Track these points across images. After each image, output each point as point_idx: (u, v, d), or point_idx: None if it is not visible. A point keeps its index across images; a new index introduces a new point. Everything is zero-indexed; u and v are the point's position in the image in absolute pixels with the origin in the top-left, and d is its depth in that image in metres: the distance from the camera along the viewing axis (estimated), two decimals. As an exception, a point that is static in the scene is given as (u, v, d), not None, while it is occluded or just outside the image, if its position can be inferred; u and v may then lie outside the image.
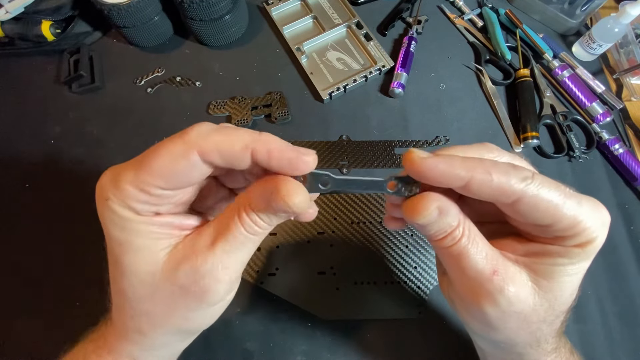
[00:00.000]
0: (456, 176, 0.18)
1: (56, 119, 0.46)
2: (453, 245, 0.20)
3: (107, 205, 0.19)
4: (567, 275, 0.20)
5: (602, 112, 0.45)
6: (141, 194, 0.18)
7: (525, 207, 0.19)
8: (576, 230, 0.19)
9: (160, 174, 0.18)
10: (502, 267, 0.20)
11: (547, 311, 0.21)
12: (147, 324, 0.22)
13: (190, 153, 0.18)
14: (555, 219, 0.19)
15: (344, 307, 0.37)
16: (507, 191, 0.18)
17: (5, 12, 0.45)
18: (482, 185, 0.18)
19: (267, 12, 0.52)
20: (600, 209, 0.20)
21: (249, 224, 0.20)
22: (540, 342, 0.23)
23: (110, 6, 0.43)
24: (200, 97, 0.47)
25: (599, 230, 0.20)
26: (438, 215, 0.19)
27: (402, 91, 0.47)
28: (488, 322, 0.21)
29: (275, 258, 0.39)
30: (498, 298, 0.20)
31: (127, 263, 0.20)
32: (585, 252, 0.20)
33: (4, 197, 0.42)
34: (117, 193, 0.19)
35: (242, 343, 0.36)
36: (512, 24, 0.51)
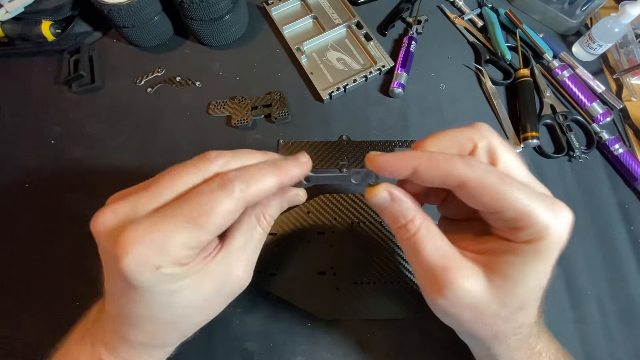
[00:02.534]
0: (402, 164, 0.21)
1: (56, 119, 0.46)
2: (409, 238, 0.22)
3: (158, 272, 0.19)
4: (519, 272, 0.21)
5: (602, 112, 0.45)
6: (191, 250, 0.20)
7: (472, 190, 0.20)
8: (525, 222, 0.20)
9: (215, 232, 0.20)
10: (455, 263, 0.21)
11: (499, 307, 0.22)
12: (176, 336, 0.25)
13: (241, 207, 0.21)
14: (501, 206, 0.20)
15: (344, 307, 0.37)
16: (450, 175, 0.20)
17: (5, 12, 0.45)
18: (428, 172, 0.21)
19: (267, 12, 0.52)
20: (559, 208, 0.20)
21: (265, 226, 0.25)
22: (499, 337, 0.23)
23: (110, 6, 0.43)
24: (200, 97, 0.47)
25: (551, 228, 0.20)
26: (391, 201, 0.22)
27: (402, 91, 0.47)
28: (442, 311, 0.23)
29: (275, 258, 0.39)
30: (446, 292, 0.21)
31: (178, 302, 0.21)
32: (536, 249, 0.20)
33: (4, 197, 0.42)
34: (168, 259, 0.19)
35: (242, 343, 0.36)
36: (512, 24, 0.51)
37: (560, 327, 0.37)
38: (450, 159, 0.20)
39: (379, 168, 0.22)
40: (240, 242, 0.24)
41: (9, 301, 0.38)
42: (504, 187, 0.19)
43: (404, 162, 0.21)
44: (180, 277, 0.20)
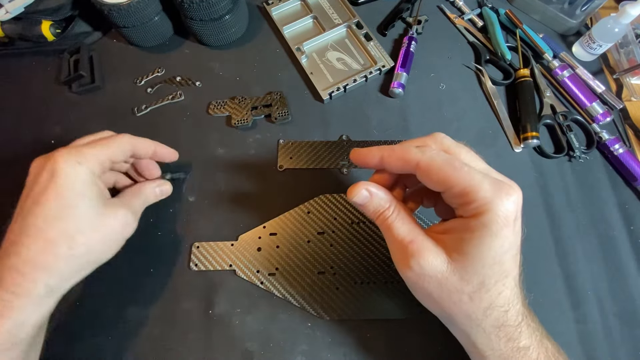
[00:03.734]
0: (372, 155, 0.28)
1: (56, 119, 0.46)
2: (385, 221, 0.27)
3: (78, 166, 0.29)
4: (472, 247, 0.24)
5: (602, 112, 0.45)
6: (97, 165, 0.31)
7: (424, 171, 0.25)
8: (469, 197, 0.23)
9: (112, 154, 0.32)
10: (419, 238, 0.26)
11: (460, 281, 0.24)
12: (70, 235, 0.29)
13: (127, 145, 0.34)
14: (449, 183, 0.24)
15: (344, 307, 0.37)
16: (408, 159, 0.25)
17: (5, 12, 0.45)
18: (390, 157, 0.27)
19: (267, 12, 0.52)
20: (503, 186, 0.24)
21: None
22: (472, 318, 0.25)
23: (110, 6, 0.43)
24: (200, 97, 0.47)
25: (494, 201, 0.23)
26: (370, 197, 0.27)
27: (402, 91, 0.47)
28: (412, 283, 0.27)
29: (275, 258, 0.39)
30: (412, 262, 0.25)
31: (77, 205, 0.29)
32: (482, 223, 0.23)
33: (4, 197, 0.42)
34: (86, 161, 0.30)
35: (242, 343, 0.36)
36: (512, 24, 0.51)
37: (560, 327, 0.37)
38: (406, 147, 0.26)
39: (355, 159, 0.29)
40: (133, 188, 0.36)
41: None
42: (450, 167, 0.24)
43: (371, 153, 0.27)
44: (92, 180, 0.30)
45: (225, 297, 0.38)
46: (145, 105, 0.46)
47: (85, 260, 0.30)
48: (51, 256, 0.27)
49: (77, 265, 0.29)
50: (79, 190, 0.29)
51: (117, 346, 0.36)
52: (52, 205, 0.28)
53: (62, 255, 0.28)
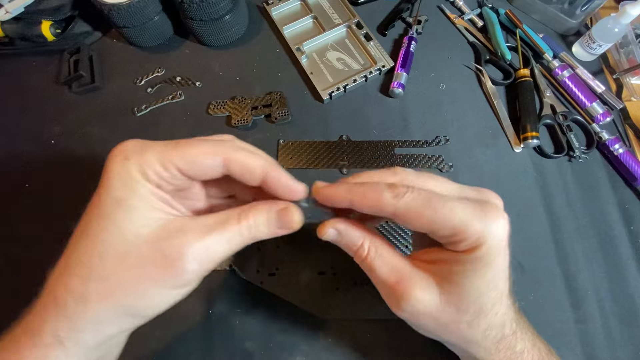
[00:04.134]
0: (340, 198, 0.23)
1: (56, 119, 0.46)
2: (362, 261, 0.25)
3: (124, 163, 0.21)
4: (466, 278, 0.22)
5: (602, 112, 0.45)
6: (160, 167, 0.21)
7: (402, 218, 0.22)
8: (459, 237, 0.21)
9: (187, 159, 0.21)
10: (407, 275, 0.23)
11: (456, 313, 0.23)
12: (99, 289, 0.21)
13: (218, 155, 0.22)
14: (433, 228, 0.22)
15: (344, 307, 0.37)
16: (381, 206, 0.22)
17: (5, 12, 0.45)
18: (361, 203, 0.23)
19: (267, 12, 0.52)
20: (491, 214, 0.22)
21: (245, 226, 0.23)
22: (472, 341, 0.24)
23: (110, 6, 0.43)
24: (200, 97, 0.47)
25: (485, 236, 0.21)
26: (338, 235, 0.25)
27: (402, 91, 0.47)
28: (408, 321, 0.25)
29: (275, 258, 0.39)
30: (402, 303, 0.23)
31: (117, 218, 0.21)
32: (476, 257, 0.22)
33: (4, 197, 0.42)
34: (139, 158, 0.21)
35: (242, 343, 0.36)
36: (512, 24, 0.51)
37: (560, 327, 0.37)
38: (379, 192, 0.22)
39: (322, 199, 0.24)
40: (209, 219, 0.22)
41: (8, 302, 0.38)
42: (430, 210, 0.21)
43: (340, 196, 0.23)
44: (134, 188, 0.21)
45: (225, 297, 0.38)
46: (145, 105, 0.46)
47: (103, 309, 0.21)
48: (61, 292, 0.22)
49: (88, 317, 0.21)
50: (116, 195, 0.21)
51: (117, 346, 0.36)
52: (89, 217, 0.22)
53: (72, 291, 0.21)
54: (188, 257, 0.21)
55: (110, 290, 0.21)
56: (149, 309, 0.23)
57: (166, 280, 0.21)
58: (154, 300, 0.22)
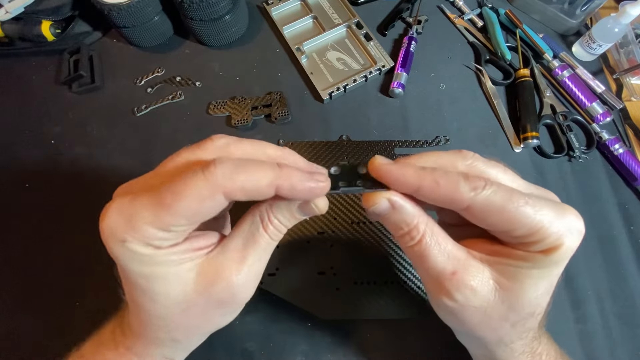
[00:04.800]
0: (406, 182, 0.20)
1: (56, 119, 0.46)
2: (414, 245, 0.21)
3: (125, 247, 0.18)
4: (530, 278, 0.21)
5: (602, 112, 0.45)
6: (161, 232, 0.18)
7: (477, 214, 0.20)
8: (537, 237, 0.19)
9: (184, 215, 0.18)
10: (463, 265, 0.21)
11: (507, 310, 0.21)
12: (182, 334, 0.23)
13: (216, 195, 0.18)
14: (511, 227, 0.20)
15: (344, 307, 0.37)
16: (456, 199, 0.19)
17: (5, 12, 0.45)
18: (432, 193, 0.20)
19: (267, 12, 0.52)
20: (566, 215, 0.20)
21: (272, 232, 0.21)
22: (505, 341, 0.23)
23: (110, 6, 0.43)
24: (200, 97, 0.47)
25: (564, 236, 0.19)
26: (391, 208, 0.21)
27: (402, 91, 0.47)
28: (450, 314, 0.22)
29: (275, 258, 0.39)
30: (456, 295, 0.21)
31: (156, 290, 0.20)
32: (550, 259, 0.20)
33: (4, 197, 0.42)
34: (134, 234, 0.18)
35: (242, 343, 0.36)
36: (512, 24, 0.51)
37: (560, 327, 0.37)
38: (454, 182, 0.19)
39: (383, 179, 0.21)
40: (237, 242, 0.21)
41: (8, 301, 0.38)
42: (512, 207, 0.19)
43: (408, 180, 0.20)
44: (152, 261, 0.19)
45: (225, 297, 0.38)
46: (145, 105, 0.46)
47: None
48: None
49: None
50: (140, 274, 0.20)
51: (117, 346, 0.36)
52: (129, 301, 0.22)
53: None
54: (239, 288, 0.21)
55: (191, 331, 0.23)
56: (222, 326, 0.25)
57: (229, 311, 0.23)
58: (227, 321, 0.24)
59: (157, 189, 0.18)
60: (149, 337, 0.23)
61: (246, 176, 0.18)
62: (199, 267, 0.21)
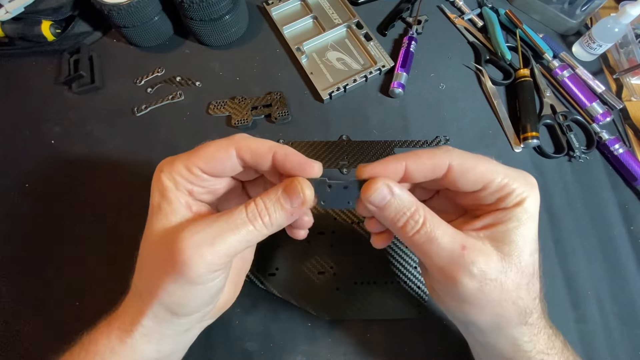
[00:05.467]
0: (395, 168, 0.23)
1: (56, 119, 0.46)
2: (419, 229, 0.22)
3: (159, 176, 0.24)
4: (520, 236, 0.23)
5: (602, 112, 0.45)
6: (185, 171, 0.24)
7: (457, 174, 0.23)
8: (507, 190, 0.23)
9: (204, 158, 0.24)
10: (470, 242, 0.22)
11: (517, 274, 0.23)
12: (145, 286, 0.24)
13: (230, 147, 0.24)
14: (486, 180, 0.23)
15: (344, 307, 0.37)
16: (436, 163, 0.23)
17: (5, 12, 0.45)
18: (416, 166, 0.23)
19: (267, 12, 0.52)
20: (523, 173, 0.24)
21: (252, 211, 0.23)
22: (526, 312, 0.24)
23: (110, 6, 0.43)
24: (200, 97, 0.47)
25: (528, 189, 0.23)
26: (390, 195, 0.23)
27: (402, 91, 0.47)
28: (470, 298, 0.22)
29: (275, 258, 0.39)
30: (473, 269, 0.21)
31: (152, 221, 0.24)
32: (525, 209, 0.23)
33: (4, 197, 0.42)
34: (169, 168, 0.24)
35: (242, 343, 0.36)
36: (512, 24, 0.51)
37: (560, 327, 0.36)
38: (431, 151, 0.23)
39: (371, 175, 0.23)
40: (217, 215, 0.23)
41: (8, 301, 0.38)
42: (483, 163, 0.23)
43: (394, 165, 0.23)
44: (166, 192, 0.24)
45: (225, 297, 0.38)
46: (145, 105, 0.46)
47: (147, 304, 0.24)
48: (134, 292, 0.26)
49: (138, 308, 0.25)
50: (154, 202, 0.24)
51: (117, 346, 0.36)
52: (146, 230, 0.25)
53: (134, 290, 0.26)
54: (187, 248, 0.21)
55: (147, 287, 0.24)
56: (179, 307, 0.24)
57: (176, 275, 0.22)
58: (178, 297, 0.23)
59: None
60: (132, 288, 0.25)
61: (253, 141, 0.24)
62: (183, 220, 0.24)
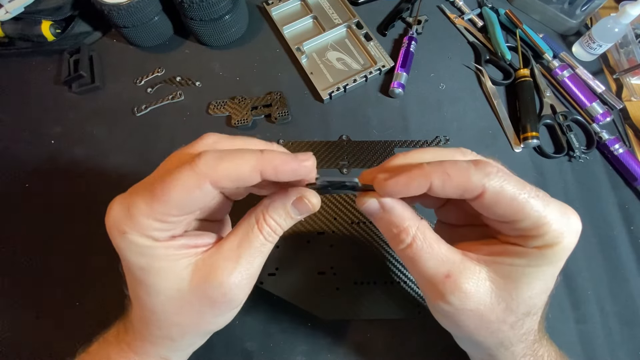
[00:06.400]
0: (417, 186, 0.20)
1: (56, 119, 0.46)
2: (406, 248, 0.21)
3: (125, 238, 0.20)
4: (526, 276, 0.21)
5: (602, 112, 0.45)
6: (156, 223, 0.19)
7: (488, 201, 0.19)
8: (540, 231, 0.19)
9: (175, 205, 0.19)
10: (457, 268, 0.21)
11: (504, 311, 0.21)
12: (177, 332, 0.23)
13: (202, 184, 0.19)
14: (519, 216, 0.19)
15: (344, 307, 0.37)
16: (469, 187, 0.19)
17: (5, 12, 0.45)
18: (444, 186, 0.19)
19: (267, 12, 0.52)
20: (569, 215, 0.20)
21: (268, 232, 0.22)
22: (505, 344, 0.23)
23: (110, 6, 0.43)
24: (200, 97, 0.47)
25: (564, 235, 0.20)
26: (381, 210, 0.21)
27: (402, 91, 0.47)
28: (447, 318, 0.22)
29: (275, 258, 0.39)
30: (450, 298, 0.21)
31: (152, 284, 0.21)
32: (544, 255, 0.20)
33: (4, 197, 0.42)
34: (133, 226, 0.19)
35: (242, 343, 0.36)
36: (512, 24, 0.51)
37: (560, 327, 0.37)
38: (465, 170, 0.19)
39: (392, 193, 0.21)
40: (233, 243, 0.21)
41: (9, 301, 0.38)
42: (522, 197, 0.19)
43: (417, 183, 0.19)
44: (151, 253, 0.20)
45: (225, 297, 0.38)
46: (145, 105, 0.46)
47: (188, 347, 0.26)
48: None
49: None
50: (138, 265, 0.21)
51: (117, 346, 0.36)
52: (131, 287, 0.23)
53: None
54: (231, 288, 0.21)
55: (185, 330, 0.23)
56: (221, 326, 0.25)
57: (222, 312, 0.23)
58: (222, 322, 0.25)
59: (151, 184, 0.19)
60: (146, 334, 0.24)
61: (229, 164, 0.19)
62: (195, 265, 0.21)
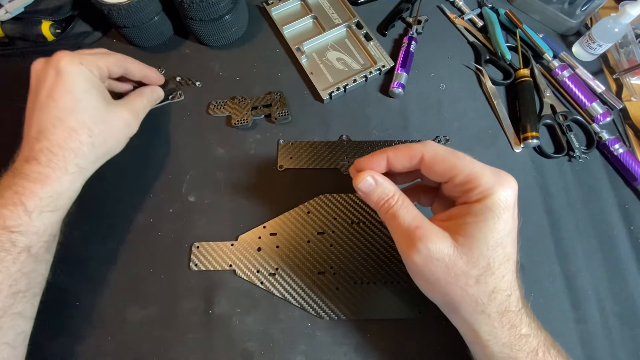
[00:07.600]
0: (378, 160, 0.29)
1: (56, 119, 0.46)
2: (390, 209, 0.28)
3: (80, 67, 0.33)
4: (476, 229, 0.25)
5: (602, 112, 0.45)
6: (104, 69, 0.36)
7: (428, 162, 0.27)
8: (474, 183, 0.25)
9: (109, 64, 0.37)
10: (426, 225, 0.26)
11: (467, 264, 0.25)
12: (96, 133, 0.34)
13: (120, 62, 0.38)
14: (453, 172, 0.26)
15: (344, 307, 0.37)
16: (411, 154, 0.28)
17: (5, 12, 0.45)
18: (395, 156, 0.28)
19: (267, 12, 0.52)
20: (501, 172, 0.26)
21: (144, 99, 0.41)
22: (478, 303, 0.26)
23: (110, 6, 0.43)
24: (200, 97, 0.47)
25: (496, 187, 0.25)
26: (374, 185, 0.28)
27: (402, 91, 0.47)
28: (419, 272, 0.27)
29: (275, 258, 0.39)
30: (419, 246, 0.26)
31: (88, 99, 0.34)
32: (486, 207, 0.25)
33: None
34: (89, 64, 0.34)
35: (242, 343, 0.36)
36: (512, 24, 0.51)
37: (560, 327, 0.37)
38: (409, 144, 0.28)
39: (362, 167, 0.29)
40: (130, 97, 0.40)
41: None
42: (453, 157, 0.26)
43: (377, 157, 0.29)
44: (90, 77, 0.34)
45: (225, 297, 0.38)
46: (145, 105, 0.46)
47: (102, 151, 0.35)
48: (76, 142, 0.32)
49: (95, 155, 0.34)
50: (84, 87, 0.33)
51: (117, 346, 0.36)
52: (65, 98, 0.32)
53: (84, 142, 0.33)
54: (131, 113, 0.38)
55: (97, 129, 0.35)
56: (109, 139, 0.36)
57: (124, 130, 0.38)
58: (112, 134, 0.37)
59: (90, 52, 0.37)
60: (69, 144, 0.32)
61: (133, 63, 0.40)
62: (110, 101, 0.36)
